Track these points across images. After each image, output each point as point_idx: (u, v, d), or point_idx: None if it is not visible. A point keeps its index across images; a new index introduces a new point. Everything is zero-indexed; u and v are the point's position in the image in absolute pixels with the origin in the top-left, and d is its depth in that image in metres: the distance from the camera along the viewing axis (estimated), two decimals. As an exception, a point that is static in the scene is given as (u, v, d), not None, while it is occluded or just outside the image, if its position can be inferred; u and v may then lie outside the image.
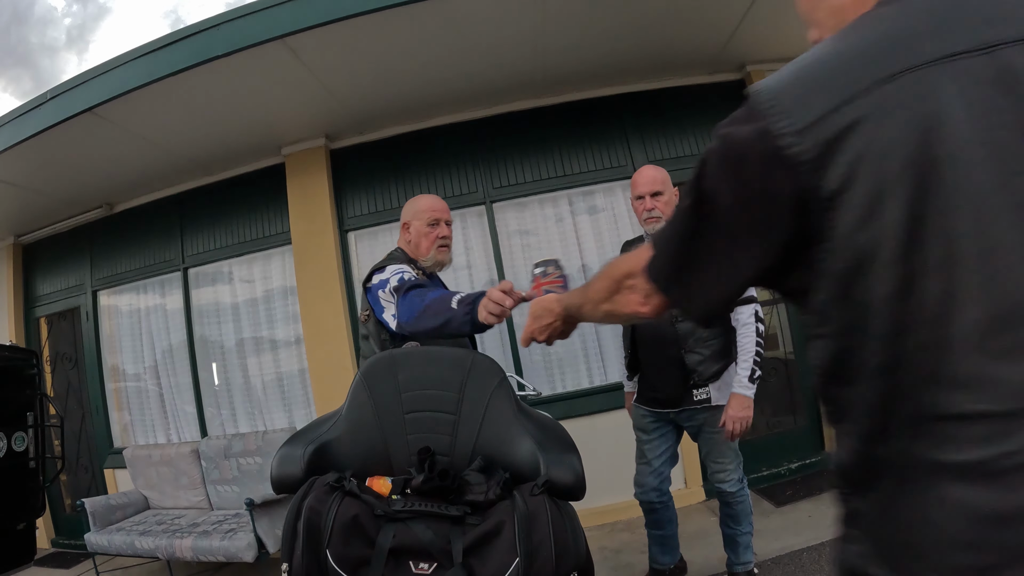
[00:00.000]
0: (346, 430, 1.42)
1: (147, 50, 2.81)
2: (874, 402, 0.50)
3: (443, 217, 1.88)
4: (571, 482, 1.25)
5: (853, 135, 0.48)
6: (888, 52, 0.49)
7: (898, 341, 0.48)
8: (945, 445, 0.46)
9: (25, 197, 3.90)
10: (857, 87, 0.48)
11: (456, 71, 3.19)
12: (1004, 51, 0.46)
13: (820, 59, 0.53)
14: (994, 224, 0.44)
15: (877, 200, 0.47)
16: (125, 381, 4.28)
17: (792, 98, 0.51)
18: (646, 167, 2.16)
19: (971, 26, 0.48)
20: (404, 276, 1.67)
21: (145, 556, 3.12)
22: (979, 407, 0.45)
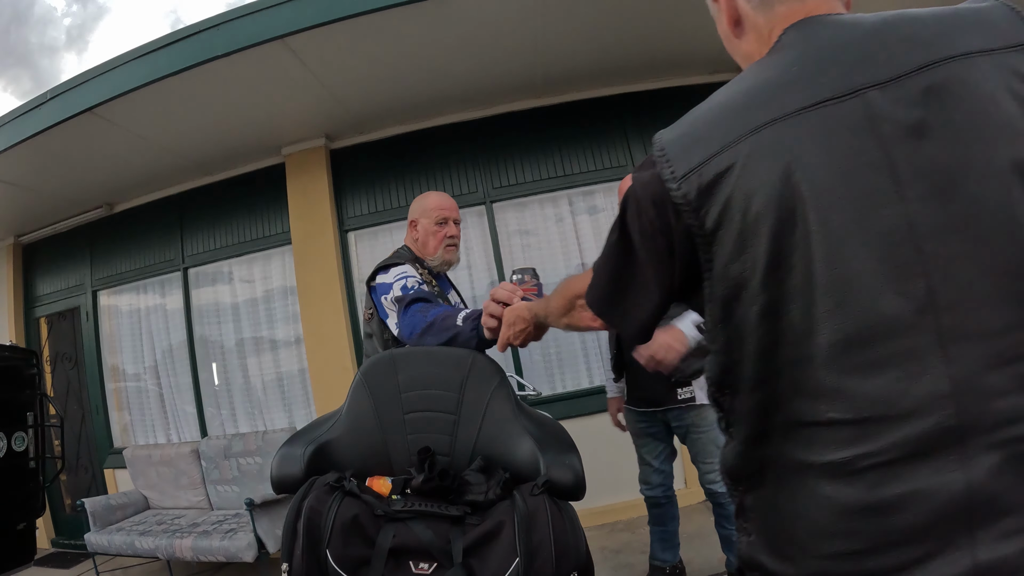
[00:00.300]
0: (346, 430, 1.42)
1: (147, 50, 2.81)
2: (754, 410, 0.57)
3: (452, 216, 1.85)
4: (571, 482, 1.25)
5: (723, 182, 0.54)
6: (757, 104, 0.55)
7: (770, 357, 0.54)
8: (813, 448, 0.53)
9: (25, 197, 3.90)
10: (727, 139, 0.55)
11: (456, 71, 3.19)
12: (869, 93, 0.51)
13: (706, 110, 0.60)
14: (848, 256, 0.50)
15: (745, 237, 0.53)
16: (125, 381, 4.28)
17: (678, 148, 0.59)
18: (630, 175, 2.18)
19: (839, 72, 0.53)
20: (407, 283, 1.61)
21: (145, 556, 3.12)
22: (837, 415, 0.51)
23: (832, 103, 0.52)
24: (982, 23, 0.53)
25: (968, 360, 0.47)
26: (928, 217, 0.48)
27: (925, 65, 0.50)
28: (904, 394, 0.48)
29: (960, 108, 0.49)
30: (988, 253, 0.48)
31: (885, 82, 0.51)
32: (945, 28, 0.53)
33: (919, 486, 0.48)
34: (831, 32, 0.56)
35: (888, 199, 0.49)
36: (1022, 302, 0.47)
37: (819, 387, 0.51)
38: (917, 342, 0.48)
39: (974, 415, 0.47)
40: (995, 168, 0.48)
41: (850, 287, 0.49)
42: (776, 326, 0.53)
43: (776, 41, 0.60)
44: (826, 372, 0.51)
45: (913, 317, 0.48)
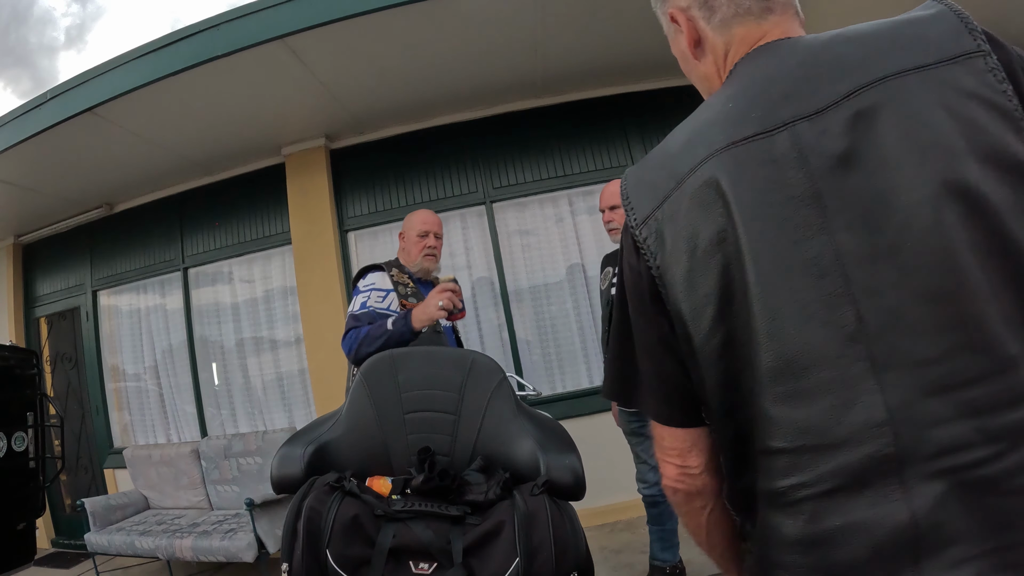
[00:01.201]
0: (346, 430, 1.42)
1: (147, 50, 2.81)
2: (730, 440, 0.58)
3: (432, 230, 2.08)
4: (571, 482, 1.26)
5: (668, 227, 0.57)
6: (697, 143, 0.57)
7: (734, 388, 0.55)
8: (767, 476, 0.53)
9: (25, 197, 3.90)
10: (668, 185, 0.57)
11: (456, 71, 3.19)
12: (798, 126, 0.51)
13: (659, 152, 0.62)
14: (776, 287, 0.50)
15: (694, 276, 0.55)
16: (125, 381, 4.28)
17: (637, 194, 0.61)
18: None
19: (770, 106, 0.54)
20: (367, 300, 1.87)
21: (145, 556, 3.12)
22: (776, 444, 0.51)
23: (761, 138, 0.53)
24: (920, 36, 0.51)
25: (904, 388, 0.47)
26: (855, 246, 0.48)
27: (853, 91, 0.50)
28: (837, 423, 0.48)
29: (889, 132, 0.48)
30: (918, 280, 0.47)
31: (812, 114, 0.51)
32: (879, 46, 0.52)
33: (857, 518, 0.47)
34: (771, 63, 0.57)
35: (814, 230, 0.50)
36: (956, 328, 0.46)
37: (763, 415, 0.52)
38: (848, 371, 0.48)
39: (913, 443, 0.46)
40: (925, 192, 0.47)
41: (779, 316, 0.50)
42: (736, 356, 0.53)
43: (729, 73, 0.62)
44: (765, 400, 0.51)
45: (842, 346, 0.48)
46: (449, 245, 3.70)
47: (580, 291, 3.61)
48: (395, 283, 1.95)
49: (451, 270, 3.67)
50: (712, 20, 0.64)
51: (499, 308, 3.59)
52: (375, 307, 1.86)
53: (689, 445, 0.64)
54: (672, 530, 2.33)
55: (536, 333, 3.60)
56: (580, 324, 3.58)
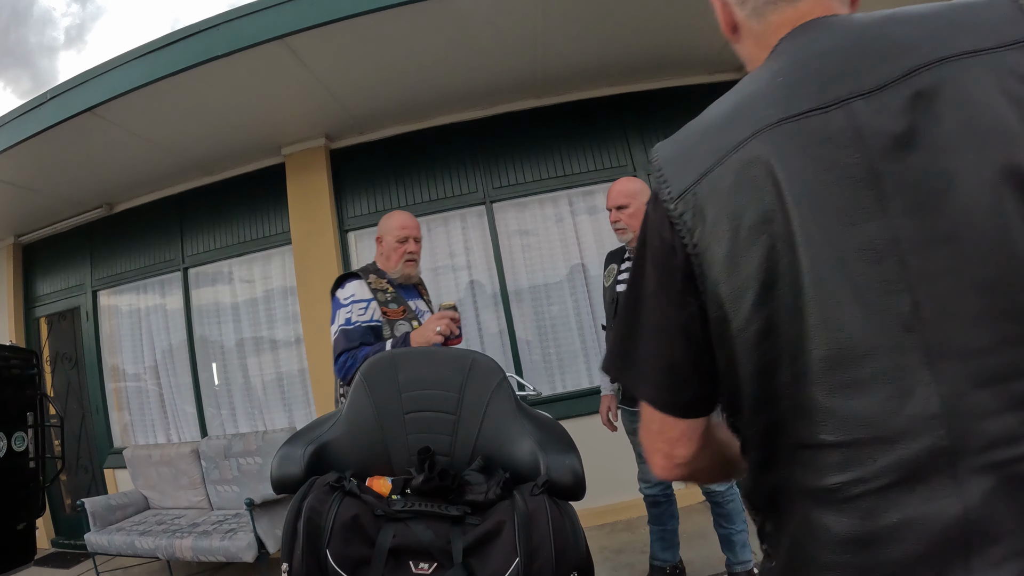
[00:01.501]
0: (346, 430, 1.42)
1: (147, 50, 2.81)
2: (760, 433, 0.55)
3: (412, 234, 2.04)
4: (571, 482, 1.25)
5: (709, 204, 0.54)
6: (742, 118, 0.55)
7: (770, 377, 0.52)
8: (810, 472, 0.51)
9: (25, 197, 3.90)
10: (715, 157, 0.55)
11: (456, 71, 3.19)
12: (853, 104, 0.49)
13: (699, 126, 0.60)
14: (831, 273, 0.48)
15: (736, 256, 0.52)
16: (125, 381, 4.28)
17: (673, 167, 0.58)
18: (620, 179, 2.26)
19: (823, 82, 0.51)
20: (351, 317, 1.86)
21: (145, 556, 3.12)
22: (829, 438, 0.49)
23: (815, 114, 0.50)
24: (978, 20, 0.50)
25: (956, 378, 0.46)
26: (913, 231, 0.47)
27: (912, 70, 0.49)
28: (894, 414, 0.47)
29: (949, 115, 0.47)
30: (975, 267, 0.46)
31: (869, 92, 0.49)
32: (937, 28, 0.51)
33: (913, 514, 0.46)
34: (821, 39, 0.55)
35: (871, 213, 0.48)
36: (1011, 319, 0.45)
37: (812, 407, 0.50)
38: (904, 360, 0.47)
39: (964, 436, 0.45)
40: (985, 177, 0.46)
41: (834, 303, 0.48)
42: (775, 344, 0.51)
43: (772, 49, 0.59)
44: (817, 390, 0.49)
45: (898, 335, 0.47)
46: (449, 245, 3.70)
47: (580, 291, 3.61)
48: (374, 290, 1.93)
49: (450, 270, 3.67)
50: (744, 8, 0.63)
51: (499, 308, 3.59)
52: (360, 321, 1.85)
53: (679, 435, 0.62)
54: (673, 530, 2.32)
55: (536, 333, 3.60)
56: (580, 324, 3.58)
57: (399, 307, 1.93)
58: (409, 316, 1.94)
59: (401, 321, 1.91)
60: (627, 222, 2.16)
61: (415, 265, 2.04)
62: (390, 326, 1.90)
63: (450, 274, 3.68)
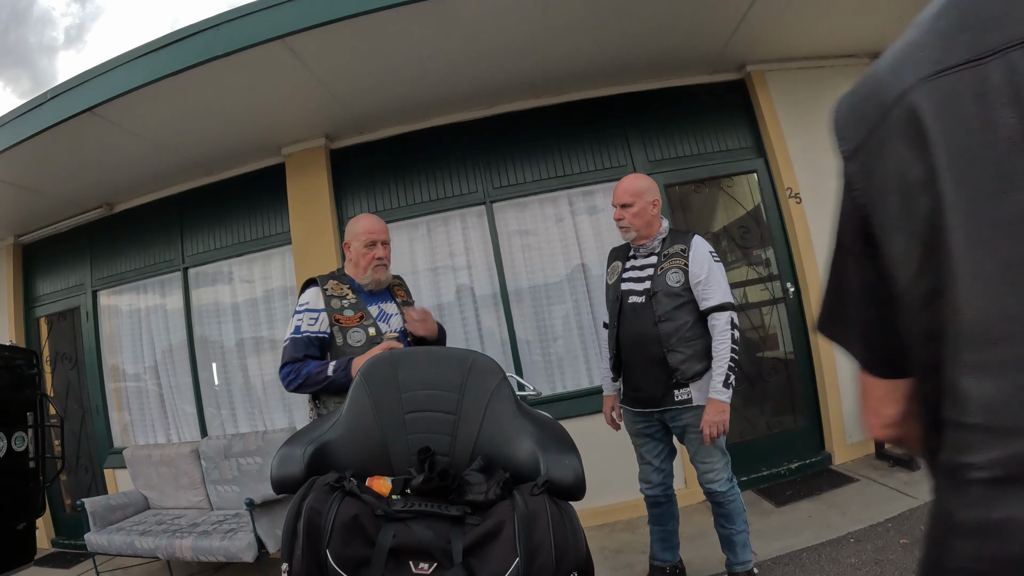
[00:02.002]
0: (346, 430, 1.42)
1: (147, 50, 2.81)
2: (923, 398, 0.54)
3: (379, 238, 2.00)
4: (571, 482, 1.25)
5: (876, 162, 0.52)
6: (898, 70, 0.51)
7: (935, 343, 0.49)
8: (945, 447, 0.49)
9: (25, 197, 3.90)
10: (876, 115, 0.51)
11: (456, 71, 3.19)
12: (1011, 54, 0.43)
13: (868, 79, 0.55)
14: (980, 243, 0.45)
15: (899, 218, 0.50)
16: (125, 381, 4.28)
17: (845, 125, 0.56)
18: (626, 177, 2.23)
19: (980, 27, 0.46)
20: (300, 326, 1.88)
21: (145, 556, 3.11)
22: (957, 416, 0.47)
23: (970, 67, 0.45)
24: None
25: None
26: None
27: None
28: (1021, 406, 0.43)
29: None
30: None
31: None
32: None
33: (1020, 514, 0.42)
34: None
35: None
36: None
37: (952, 382, 0.47)
38: None
39: None
40: None
41: (978, 277, 0.44)
42: (938, 311, 0.48)
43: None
44: (956, 366, 0.46)
45: None
46: (449, 245, 3.70)
47: (580, 291, 3.61)
48: (329, 298, 1.92)
49: (450, 270, 3.67)
50: None
51: (499, 308, 3.59)
52: (308, 332, 1.87)
53: (883, 394, 0.60)
54: (673, 531, 2.32)
55: (536, 333, 3.60)
56: (580, 324, 3.58)
57: (356, 314, 1.92)
58: (367, 323, 1.92)
59: (355, 328, 1.90)
60: (630, 221, 2.14)
61: (385, 270, 2.01)
62: (343, 334, 1.89)
63: (450, 274, 3.68)
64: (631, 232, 2.16)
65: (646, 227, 2.15)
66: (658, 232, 2.17)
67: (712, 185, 3.78)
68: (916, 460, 3.11)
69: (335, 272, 2.05)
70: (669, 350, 2.05)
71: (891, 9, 3.31)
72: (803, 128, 3.66)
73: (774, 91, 3.68)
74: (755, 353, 3.70)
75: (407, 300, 2.15)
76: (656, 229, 2.17)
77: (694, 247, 2.09)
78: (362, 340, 1.88)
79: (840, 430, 3.48)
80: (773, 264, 3.68)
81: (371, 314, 1.95)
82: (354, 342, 1.88)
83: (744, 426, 3.62)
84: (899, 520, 2.58)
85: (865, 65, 3.84)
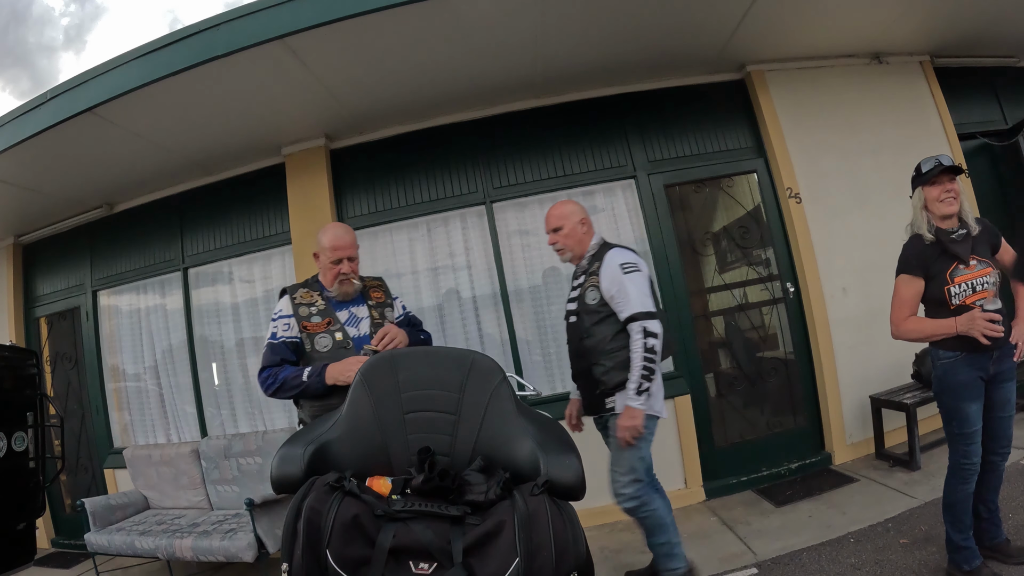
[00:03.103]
0: (346, 430, 1.42)
1: (147, 50, 2.81)
2: None
3: (345, 255, 2.03)
4: (571, 482, 1.25)
5: None
6: None
7: None
8: None
9: (25, 197, 3.90)
10: None
11: (456, 71, 3.19)
12: None
13: None
14: None
15: None
16: (125, 381, 4.28)
17: None
18: (553, 205, 2.37)
19: None
20: (276, 332, 1.96)
21: (145, 556, 3.11)
22: None
23: None
24: None
25: None
26: None
27: None
28: None
29: None
30: None
31: None
32: None
33: None
34: None
35: None
36: None
37: None
38: None
39: None
40: None
41: None
42: None
43: None
44: None
45: None
46: (449, 245, 3.70)
47: (580, 291, 3.61)
48: (297, 306, 2.00)
49: (450, 270, 3.67)
50: None
51: (499, 308, 3.59)
52: (284, 337, 1.96)
53: None
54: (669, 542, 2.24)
55: (536, 333, 3.60)
56: (580, 324, 3.58)
57: (323, 320, 1.98)
58: (333, 328, 1.98)
59: (322, 334, 1.96)
60: (564, 243, 2.28)
61: (351, 283, 2.04)
62: (311, 340, 1.96)
63: (450, 274, 3.68)
64: (567, 253, 2.29)
65: (578, 246, 2.29)
66: (587, 251, 2.28)
67: (712, 185, 3.78)
68: (916, 460, 3.11)
69: (309, 280, 2.12)
70: (594, 363, 2.18)
71: (891, 9, 3.31)
72: (803, 128, 3.66)
73: (774, 91, 3.68)
74: (755, 353, 3.70)
75: (384, 300, 2.15)
76: (586, 247, 2.28)
77: (605, 263, 2.18)
78: (328, 345, 1.94)
79: (840, 430, 3.48)
80: (773, 264, 3.68)
81: (339, 319, 2.01)
82: (321, 347, 1.94)
83: (744, 426, 3.62)
84: (899, 520, 2.57)
85: (865, 65, 3.85)
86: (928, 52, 3.97)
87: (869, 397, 3.46)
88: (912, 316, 1.97)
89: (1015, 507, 2.39)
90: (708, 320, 3.75)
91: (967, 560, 1.97)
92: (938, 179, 1.94)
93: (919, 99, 3.91)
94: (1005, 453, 2.01)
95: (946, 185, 1.93)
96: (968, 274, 1.88)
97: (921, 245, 1.96)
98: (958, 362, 1.91)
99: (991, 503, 2.06)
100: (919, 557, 2.22)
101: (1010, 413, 1.97)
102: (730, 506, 3.17)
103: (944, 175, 1.93)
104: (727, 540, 2.75)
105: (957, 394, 1.92)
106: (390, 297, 2.20)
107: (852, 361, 3.51)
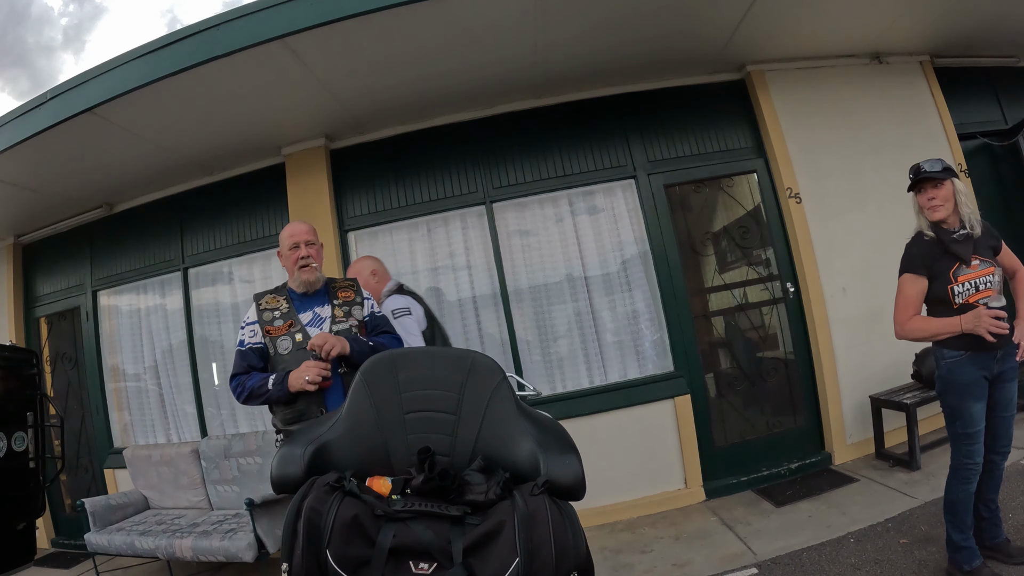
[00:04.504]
0: (346, 430, 1.42)
1: (147, 50, 2.81)
2: None
3: (301, 239, 2.05)
4: (571, 482, 1.25)
5: None
6: None
7: None
8: None
9: (25, 197, 3.90)
10: None
11: (456, 71, 3.19)
12: None
13: None
14: None
15: None
16: (125, 381, 4.28)
17: None
18: None
19: None
20: (244, 339, 2.05)
21: (145, 556, 3.12)
22: None
23: None
24: None
25: None
26: None
27: None
28: None
29: None
30: None
31: None
32: None
33: None
34: None
35: None
36: None
37: None
38: None
39: None
40: None
41: None
42: None
43: None
44: None
45: None
46: (449, 245, 3.70)
47: (580, 291, 3.61)
48: (261, 311, 2.04)
49: (450, 270, 3.67)
50: None
51: (499, 308, 3.59)
52: (250, 343, 2.04)
53: None
54: None
55: (536, 333, 3.60)
56: (580, 324, 3.58)
57: (285, 323, 2.01)
58: (294, 330, 2.00)
59: (283, 336, 2.00)
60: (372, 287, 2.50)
61: (312, 270, 2.03)
62: (273, 343, 2.01)
63: (450, 274, 3.68)
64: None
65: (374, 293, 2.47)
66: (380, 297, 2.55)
67: (712, 185, 3.78)
68: (916, 460, 3.11)
69: (278, 285, 2.14)
70: None
71: (891, 9, 3.31)
72: (803, 128, 3.67)
73: (774, 91, 3.68)
74: (755, 353, 3.70)
75: (353, 299, 2.12)
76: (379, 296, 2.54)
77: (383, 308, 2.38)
78: (289, 347, 1.98)
79: (840, 430, 3.48)
80: (773, 264, 3.68)
81: (300, 321, 2.03)
82: (282, 349, 1.99)
83: (744, 426, 3.62)
84: (899, 520, 2.58)
85: (865, 65, 3.85)
86: (928, 52, 3.97)
87: (869, 397, 3.46)
88: (916, 315, 1.96)
89: (1015, 507, 2.40)
90: (708, 320, 3.75)
91: (967, 560, 1.97)
92: (922, 187, 1.94)
93: (919, 99, 3.91)
94: (1005, 453, 2.01)
95: (928, 193, 1.92)
96: (971, 273, 1.88)
97: (924, 244, 1.96)
98: (963, 361, 1.90)
99: (991, 503, 2.06)
100: (919, 557, 2.22)
101: (1012, 413, 1.97)
102: (730, 506, 3.17)
103: (927, 183, 1.93)
104: (727, 540, 2.75)
105: (961, 393, 1.92)
106: (361, 296, 2.17)
107: (852, 361, 3.51)
